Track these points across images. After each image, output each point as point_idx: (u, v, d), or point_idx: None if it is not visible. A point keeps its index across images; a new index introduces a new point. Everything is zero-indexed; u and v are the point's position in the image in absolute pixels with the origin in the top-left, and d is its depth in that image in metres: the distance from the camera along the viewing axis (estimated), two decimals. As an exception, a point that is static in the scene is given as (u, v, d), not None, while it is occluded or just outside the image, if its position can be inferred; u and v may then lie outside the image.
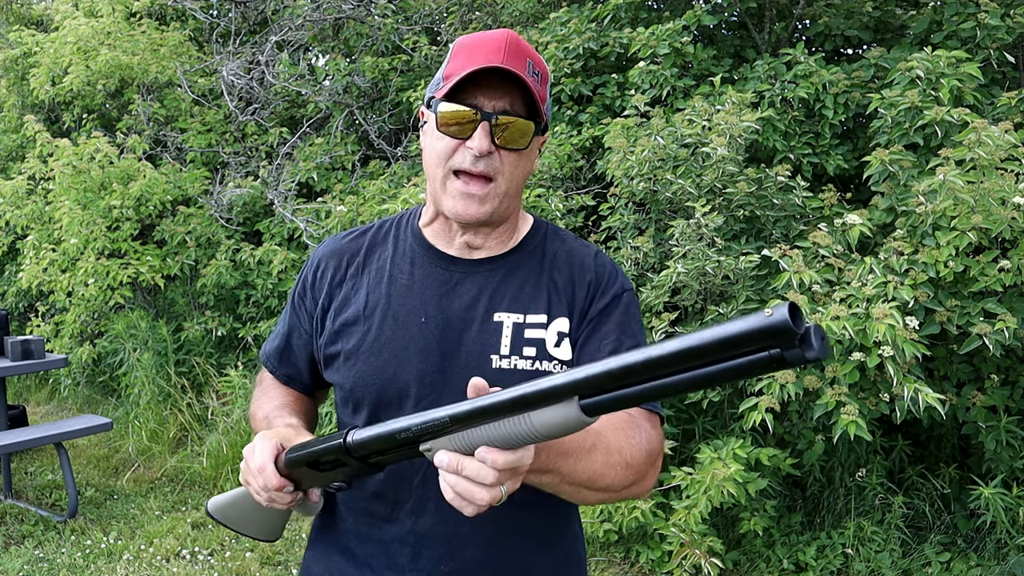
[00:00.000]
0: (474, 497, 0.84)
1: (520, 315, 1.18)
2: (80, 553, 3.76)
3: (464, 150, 1.12)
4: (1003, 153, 3.11)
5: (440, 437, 0.86)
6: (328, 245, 1.32)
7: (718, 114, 3.62)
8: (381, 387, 1.17)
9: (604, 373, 0.74)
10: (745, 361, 0.67)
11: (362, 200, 5.05)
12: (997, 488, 3.26)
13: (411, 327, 1.18)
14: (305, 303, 1.29)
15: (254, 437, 1.12)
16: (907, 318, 2.95)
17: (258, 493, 1.08)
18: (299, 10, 6.20)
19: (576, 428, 0.79)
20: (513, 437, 0.81)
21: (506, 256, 1.22)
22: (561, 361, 1.16)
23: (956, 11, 4.08)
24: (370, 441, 0.95)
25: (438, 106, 1.12)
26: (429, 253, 1.23)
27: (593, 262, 1.24)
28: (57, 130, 6.88)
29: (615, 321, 1.19)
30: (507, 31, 1.14)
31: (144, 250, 5.76)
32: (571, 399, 0.77)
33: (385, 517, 1.19)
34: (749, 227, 3.70)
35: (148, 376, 5.39)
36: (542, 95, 1.14)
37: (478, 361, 1.15)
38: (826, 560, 3.40)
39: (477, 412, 0.82)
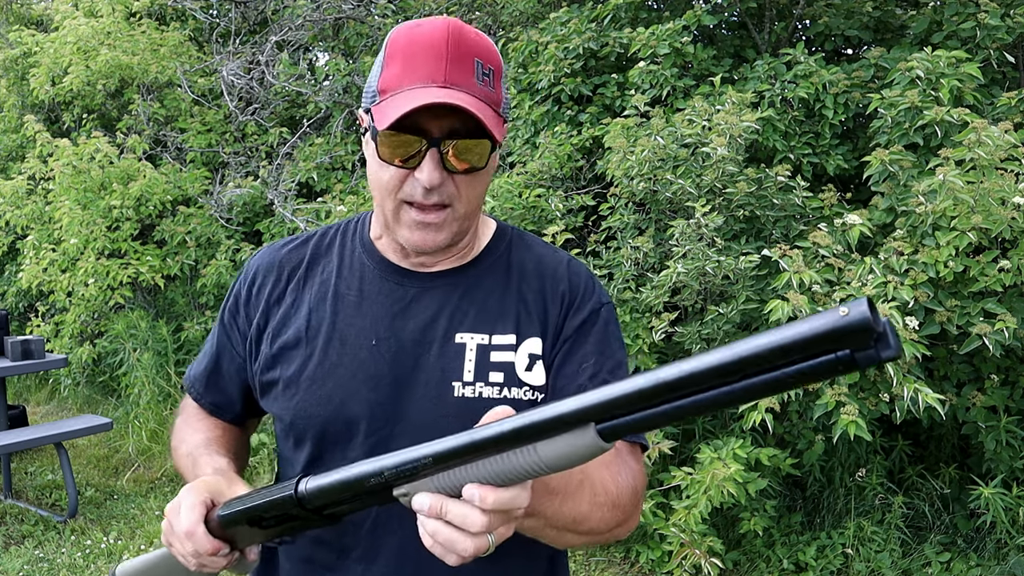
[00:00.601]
0: (456, 546, 0.72)
1: (485, 336, 1.04)
2: (80, 553, 3.76)
3: (413, 181, 0.98)
4: (1003, 153, 3.11)
5: (420, 480, 0.74)
6: (265, 255, 1.17)
7: (718, 114, 3.62)
8: (326, 419, 1.03)
9: (634, 393, 0.64)
10: (806, 366, 0.57)
11: (362, 200, 5.05)
12: (997, 488, 3.26)
13: (360, 351, 1.04)
14: (237, 322, 1.14)
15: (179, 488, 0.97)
16: (907, 318, 2.95)
17: (185, 558, 0.93)
18: (299, 10, 6.20)
19: (591, 457, 0.69)
20: (511, 472, 0.70)
21: (467, 268, 1.09)
22: (533, 387, 1.03)
23: (956, 11, 4.08)
24: (329, 489, 0.81)
25: (377, 135, 0.97)
26: (380, 266, 1.10)
27: (566, 272, 1.10)
28: (57, 130, 6.88)
29: (593, 341, 1.06)
30: (448, 24, 0.98)
31: (144, 250, 5.77)
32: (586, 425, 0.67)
33: (328, 566, 1.06)
34: (749, 227, 3.71)
35: (148, 376, 5.39)
36: (496, 98, 1.00)
37: (437, 389, 1.02)
38: (826, 560, 3.40)
39: (468, 448, 0.71)
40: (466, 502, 0.71)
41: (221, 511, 0.91)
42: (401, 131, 0.96)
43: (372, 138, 1.00)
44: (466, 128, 0.96)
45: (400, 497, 0.76)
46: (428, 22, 0.99)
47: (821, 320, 0.55)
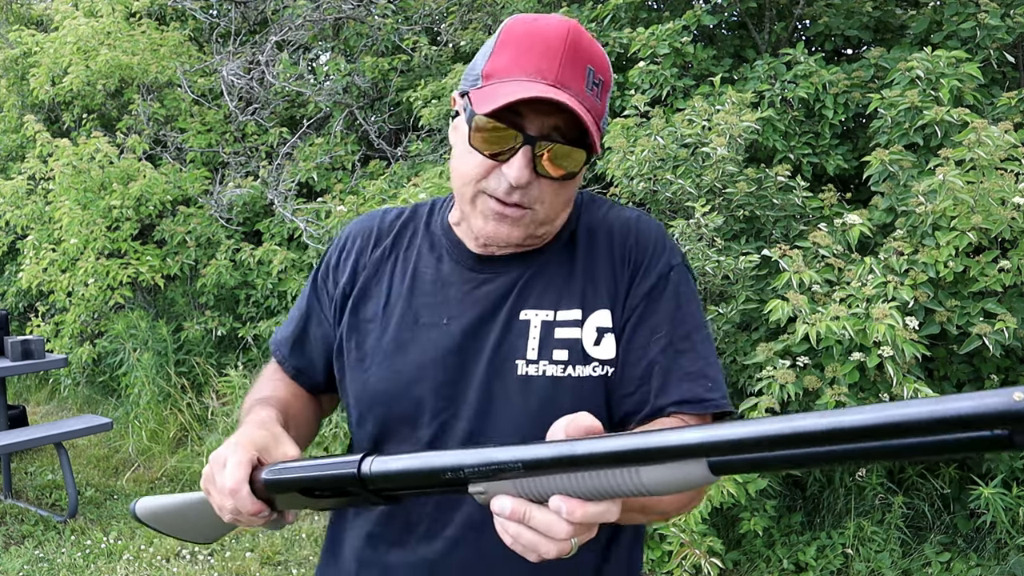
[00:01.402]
0: (539, 549, 0.71)
1: (550, 311, 1.01)
2: (80, 553, 3.77)
3: (499, 175, 0.94)
4: (1003, 153, 3.11)
5: (501, 481, 0.71)
6: (359, 223, 1.17)
7: (718, 114, 3.62)
8: (393, 395, 1.03)
9: (765, 438, 0.60)
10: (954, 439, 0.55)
11: (362, 200, 5.05)
12: (997, 488, 3.26)
13: (431, 330, 1.04)
14: (327, 286, 1.14)
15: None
16: (907, 318, 2.95)
17: (221, 510, 0.91)
18: (299, 10, 6.20)
19: (694, 488, 0.66)
20: (606, 490, 0.67)
21: (542, 249, 1.05)
22: (603, 361, 0.99)
23: (956, 11, 4.08)
24: (398, 475, 0.78)
25: (473, 117, 0.93)
26: (457, 249, 1.08)
27: (635, 232, 1.05)
28: (57, 130, 6.88)
29: (665, 308, 1.01)
30: (569, 25, 0.94)
31: (144, 250, 5.77)
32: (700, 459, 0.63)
33: (392, 540, 1.05)
34: (749, 227, 3.71)
35: (148, 376, 5.39)
36: (600, 110, 0.97)
37: (501, 368, 1.00)
38: (826, 560, 3.40)
39: (565, 461, 0.67)
40: (552, 511, 0.69)
41: (270, 475, 0.88)
42: (499, 121, 0.92)
43: (467, 122, 0.96)
44: (566, 133, 0.93)
45: (476, 494, 0.73)
46: (549, 18, 0.96)
47: (993, 400, 0.53)
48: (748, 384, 3.25)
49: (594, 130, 0.93)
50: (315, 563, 3.79)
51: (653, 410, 0.98)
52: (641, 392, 0.99)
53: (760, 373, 3.09)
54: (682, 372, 0.99)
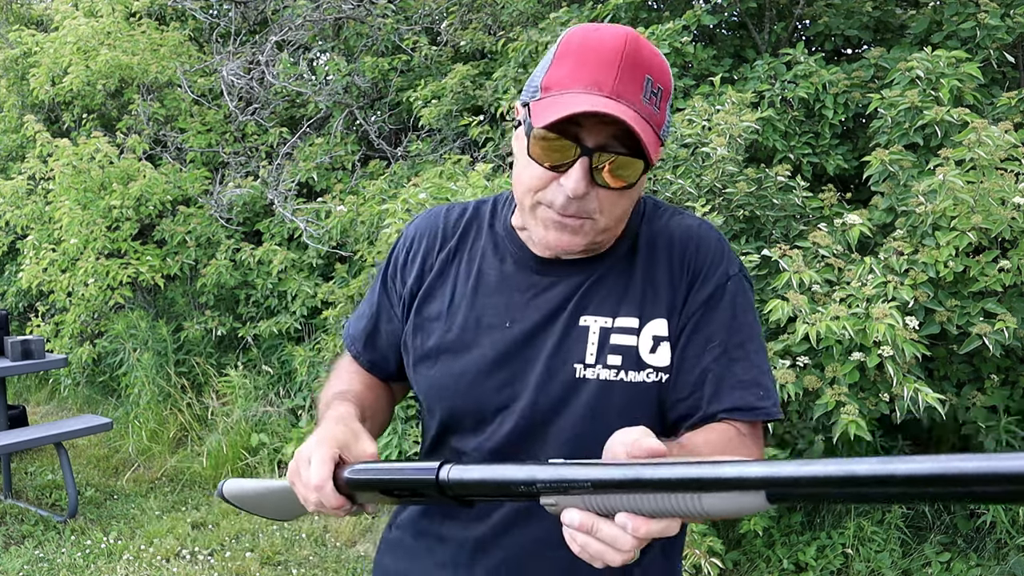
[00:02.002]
0: (606, 558, 0.76)
1: (608, 318, 1.04)
2: (80, 553, 3.77)
3: (557, 186, 0.96)
4: (1003, 153, 3.11)
5: (571, 495, 0.76)
6: (423, 221, 1.20)
7: (718, 114, 3.62)
8: (456, 394, 1.08)
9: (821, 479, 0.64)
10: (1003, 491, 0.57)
11: (362, 200, 5.05)
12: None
13: (493, 331, 1.07)
14: (396, 284, 1.18)
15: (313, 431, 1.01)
16: (907, 318, 2.95)
17: (306, 503, 0.97)
18: (299, 10, 6.20)
19: (750, 514, 0.73)
20: (668, 511, 0.72)
21: (604, 256, 1.08)
22: (658, 368, 1.03)
23: (956, 11, 4.08)
24: (475, 484, 0.84)
25: (531, 130, 0.96)
26: (521, 253, 1.10)
27: (696, 241, 1.07)
28: (57, 130, 6.88)
29: (720, 317, 1.04)
30: (628, 34, 0.95)
31: (144, 250, 5.76)
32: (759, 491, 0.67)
33: (448, 515, 1.13)
34: (749, 227, 3.70)
35: (148, 376, 5.39)
36: (659, 120, 0.98)
37: (560, 370, 1.04)
38: (826, 560, 3.40)
39: (632, 483, 0.72)
40: (619, 526, 0.74)
41: (353, 474, 0.94)
42: (556, 133, 0.94)
43: (526, 133, 0.98)
44: (623, 144, 0.94)
45: (547, 506, 0.78)
46: (607, 28, 0.98)
47: None
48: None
49: (650, 140, 0.94)
50: (315, 563, 3.80)
51: (705, 416, 1.02)
52: (694, 398, 1.02)
53: (760, 373, 3.08)
54: (735, 380, 1.02)
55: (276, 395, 5.08)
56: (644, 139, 0.92)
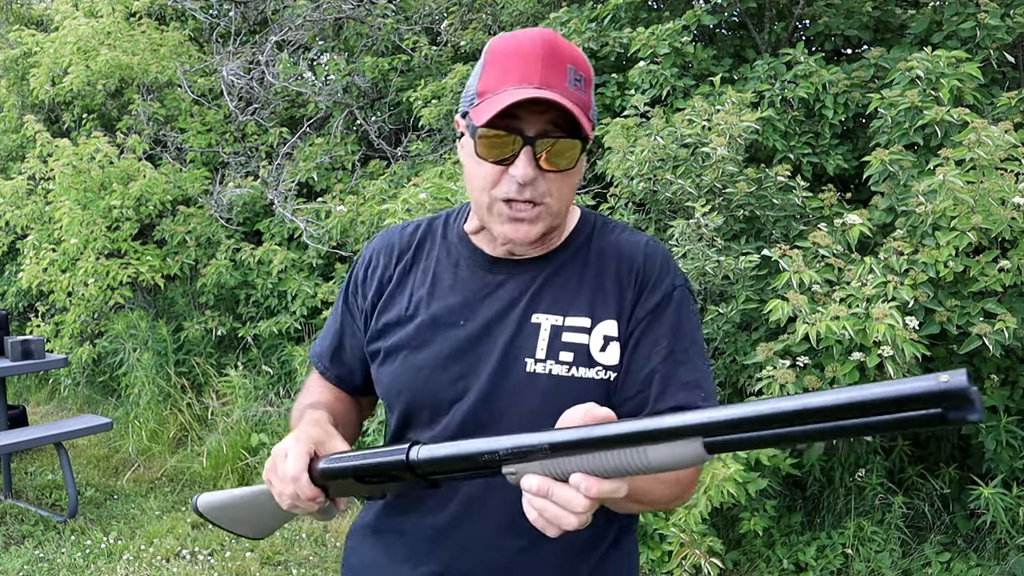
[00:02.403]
0: (561, 522, 0.82)
1: (559, 317, 1.12)
2: (80, 553, 3.77)
3: (508, 178, 1.05)
4: (1003, 153, 3.11)
5: (529, 462, 0.83)
6: (380, 240, 1.29)
7: (718, 114, 3.62)
8: (415, 389, 1.15)
9: (748, 418, 0.72)
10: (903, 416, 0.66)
11: (362, 200, 5.05)
12: (997, 488, 3.26)
13: (448, 329, 1.15)
14: (357, 301, 1.26)
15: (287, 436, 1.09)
16: (907, 318, 2.95)
17: (281, 497, 1.04)
18: (299, 10, 6.20)
19: (691, 465, 0.78)
20: (618, 468, 0.79)
21: (551, 256, 1.17)
22: (607, 367, 1.10)
23: (956, 11, 4.08)
24: (442, 460, 0.90)
25: (475, 131, 1.05)
26: (474, 255, 1.19)
27: (642, 254, 1.16)
28: (57, 130, 6.88)
29: (667, 323, 1.12)
30: (544, 34, 1.06)
31: (144, 250, 5.76)
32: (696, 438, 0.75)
33: (405, 510, 1.19)
34: (749, 227, 3.70)
35: (148, 376, 5.39)
36: (586, 103, 1.08)
37: (511, 365, 1.11)
38: (826, 560, 3.40)
39: (585, 442, 0.79)
40: (572, 487, 0.80)
41: (325, 463, 1.01)
42: (498, 129, 1.03)
43: (471, 136, 1.07)
44: (559, 129, 1.04)
45: (508, 475, 0.84)
46: (525, 32, 1.08)
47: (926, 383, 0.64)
48: (748, 384, 3.25)
49: (584, 120, 1.03)
50: (315, 563, 3.80)
51: (651, 413, 1.07)
52: (641, 396, 1.10)
53: (760, 373, 3.09)
54: (680, 381, 1.10)
55: (276, 395, 5.08)
56: (579, 118, 1.02)
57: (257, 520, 1.17)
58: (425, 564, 1.16)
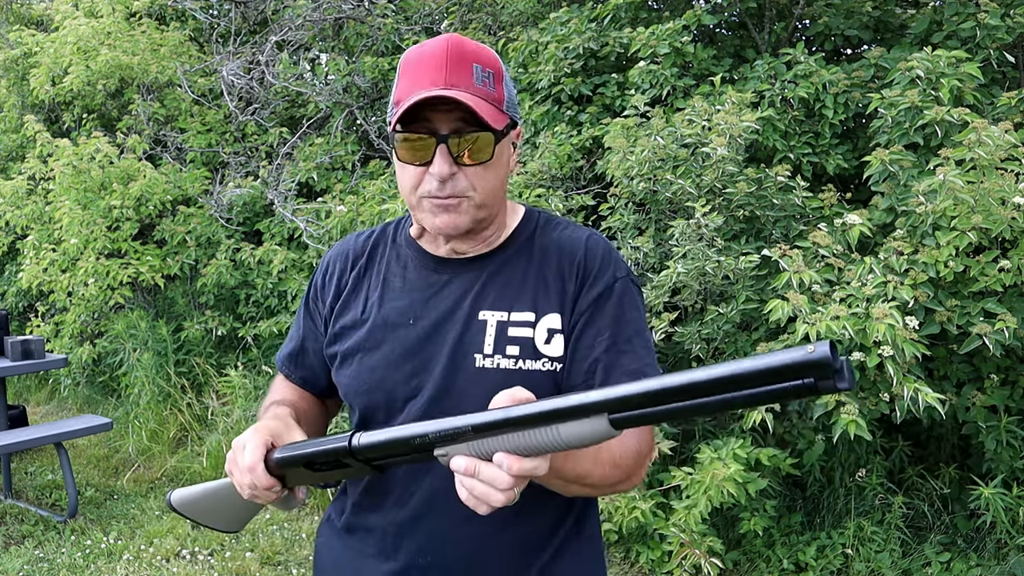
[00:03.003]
0: (490, 499, 0.87)
1: (504, 313, 1.16)
2: (80, 553, 3.77)
3: (428, 176, 1.11)
4: (1003, 153, 3.11)
5: (457, 444, 0.89)
6: (337, 248, 1.34)
7: (718, 114, 3.62)
8: (371, 388, 1.19)
9: (641, 394, 0.78)
10: (779, 387, 0.72)
11: (362, 200, 5.04)
12: (997, 488, 3.26)
13: (399, 329, 1.19)
14: (317, 307, 1.31)
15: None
16: (907, 318, 2.95)
17: (241, 487, 1.09)
18: (299, 10, 6.20)
19: (602, 440, 0.83)
20: (535, 446, 0.85)
21: (494, 253, 1.21)
22: (552, 358, 1.14)
23: (956, 11, 4.08)
24: (380, 445, 0.96)
25: (393, 136, 1.12)
26: (421, 257, 1.24)
27: (583, 248, 1.20)
28: (57, 130, 6.88)
29: (609, 314, 1.16)
30: (448, 38, 1.12)
31: (144, 250, 5.76)
32: (601, 415, 0.81)
33: (371, 507, 1.22)
34: (749, 227, 3.70)
35: (148, 376, 5.39)
36: (497, 96, 1.12)
37: (461, 361, 1.15)
38: (826, 560, 3.40)
39: (502, 423, 0.85)
40: (496, 465, 0.86)
41: (279, 453, 1.06)
42: (412, 132, 1.09)
43: (391, 141, 1.13)
44: (470, 126, 1.08)
45: (439, 457, 0.91)
46: (431, 40, 1.14)
47: (796, 353, 0.70)
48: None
49: (488, 113, 1.08)
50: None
51: None
52: (585, 385, 1.13)
53: (760, 373, 3.08)
54: (623, 370, 1.14)
55: (276, 395, 5.07)
56: (480, 113, 1.06)
57: (227, 512, 1.22)
58: (393, 559, 1.20)
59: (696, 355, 3.52)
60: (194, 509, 1.23)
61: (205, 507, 1.22)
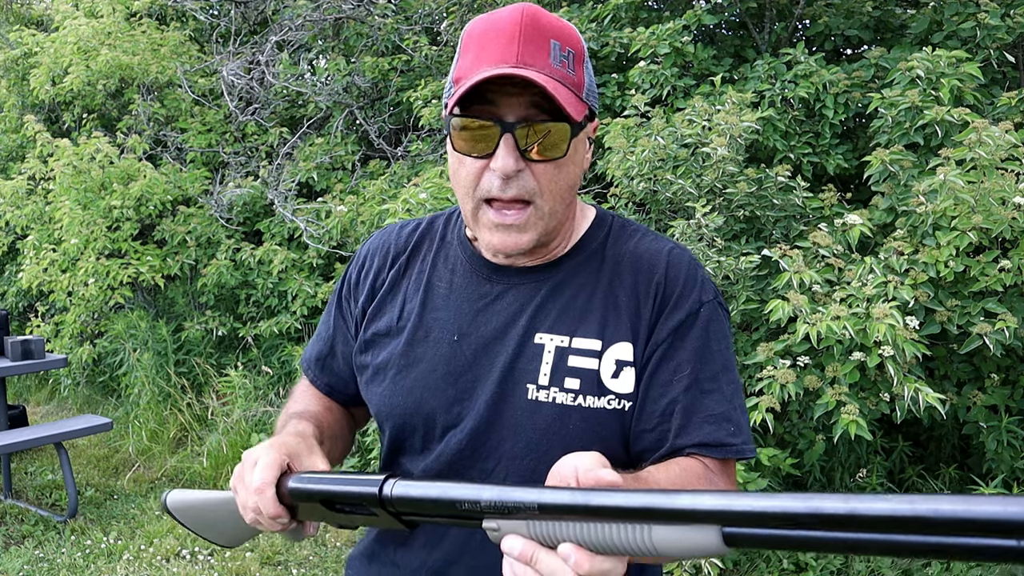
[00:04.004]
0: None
1: (565, 337, 0.98)
2: (80, 553, 3.76)
3: (489, 173, 0.93)
4: (1003, 153, 3.11)
5: (514, 520, 0.71)
6: (375, 240, 1.17)
7: (718, 114, 3.62)
8: (406, 410, 1.04)
9: (787, 513, 0.58)
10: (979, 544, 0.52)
11: (362, 200, 5.05)
12: (997, 488, 3.26)
13: (441, 345, 1.03)
14: (350, 305, 1.15)
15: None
16: (907, 318, 2.95)
17: (244, 509, 0.92)
18: (299, 10, 6.20)
19: (703, 556, 0.65)
20: (615, 545, 0.67)
21: (558, 263, 1.03)
22: (620, 395, 0.97)
23: (956, 11, 4.08)
24: (417, 500, 0.79)
25: (450, 121, 0.94)
26: (472, 260, 1.07)
27: (664, 264, 1.01)
28: (57, 130, 6.88)
29: (691, 346, 0.98)
30: (523, 7, 0.93)
31: (144, 250, 5.76)
32: (713, 526, 0.62)
33: (400, 542, 1.08)
34: (749, 227, 3.70)
35: (148, 376, 5.39)
36: (577, 80, 0.94)
37: (512, 390, 0.98)
38: (826, 560, 3.39)
39: (579, 509, 0.67)
40: (559, 557, 0.68)
41: (296, 483, 0.89)
42: (473, 116, 0.92)
43: (447, 127, 0.96)
44: (544, 113, 0.92)
45: (488, 530, 0.74)
46: (502, 9, 0.95)
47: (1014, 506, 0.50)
48: (749, 384, 3.25)
49: (567, 98, 0.91)
50: (315, 563, 3.80)
51: (672, 449, 0.96)
52: (660, 430, 0.96)
53: (761, 373, 3.09)
54: (705, 413, 0.96)
55: (276, 395, 5.08)
56: (559, 98, 0.89)
57: (224, 527, 1.06)
58: None
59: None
60: (190, 516, 1.07)
61: (202, 516, 1.07)
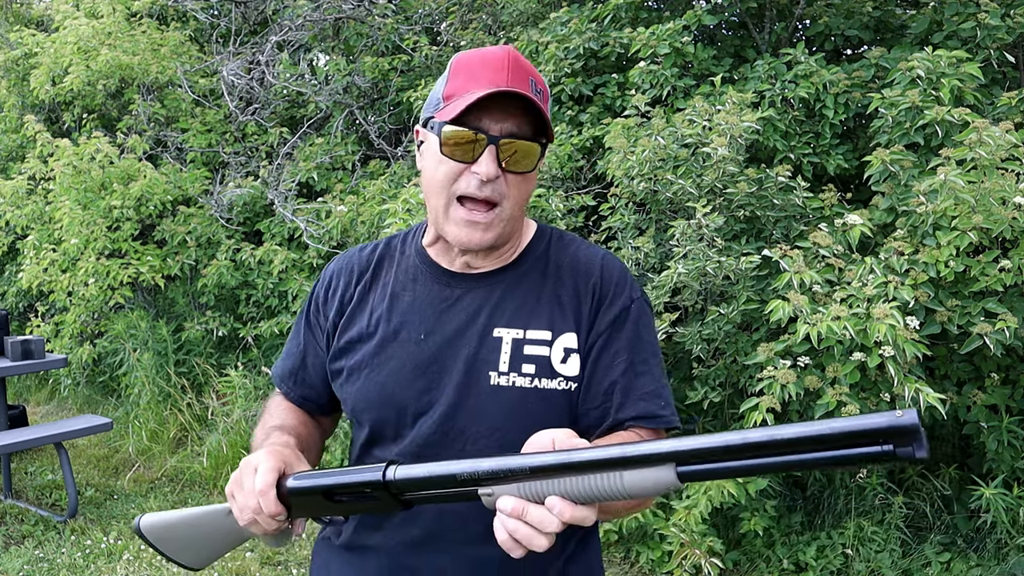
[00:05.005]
0: (532, 543, 0.85)
1: (520, 330, 1.15)
2: (80, 553, 3.76)
3: (469, 175, 1.09)
4: (1004, 153, 3.11)
5: (507, 484, 0.85)
6: (339, 261, 1.31)
7: (718, 114, 3.62)
8: (380, 404, 1.17)
9: (718, 447, 0.76)
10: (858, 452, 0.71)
11: (362, 200, 5.05)
12: (998, 488, 3.26)
13: (409, 344, 1.17)
14: (319, 321, 1.28)
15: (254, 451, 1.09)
16: (908, 318, 2.95)
17: (243, 511, 1.03)
18: (299, 10, 6.20)
19: (663, 492, 0.80)
20: (592, 493, 0.81)
21: (507, 269, 1.20)
22: (568, 378, 1.13)
23: (956, 11, 4.08)
24: (419, 480, 0.91)
25: (441, 129, 1.09)
26: (431, 270, 1.22)
27: (599, 268, 1.20)
28: (57, 130, 6.88)
29: (626, 336, 1.16)
30: (507, 48, 1.13)
31: (144, 250, 5.76)
32: (669, 464, 0.78)
33: (374, 525, 1.19)
34: (749, 227, 3.70)
35: (148, 376, 5.39)
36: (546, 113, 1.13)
37: (475, 377, 1.13)
38: (826, 560, 3.39)
39: (564, 466, 0.82)
40: (545, 508, 0.83)
41: (296, 480, 1.00)
42: (465, 127, 1.07)
43: (436, 133, 1.11)
44: (522, 132, 1.09)
45: (483, 496, 0.87)
46: (489, 48, 1.15)
47: (882, 418, 0.69)
48: (749, 384, 3.25)
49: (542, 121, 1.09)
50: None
51: (614, 423, 1.14)
52: (603, 407, 1.14)
53: (761, 373, 3.09)
54: (640, 391, 1.14)
55: (276, 395, 5.08)
56: (546, 116, 1.08)
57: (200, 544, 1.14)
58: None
59: (697, 355, 3.52)
60: (165, 537, 1.13)
61: (178, 536, 1.13)
